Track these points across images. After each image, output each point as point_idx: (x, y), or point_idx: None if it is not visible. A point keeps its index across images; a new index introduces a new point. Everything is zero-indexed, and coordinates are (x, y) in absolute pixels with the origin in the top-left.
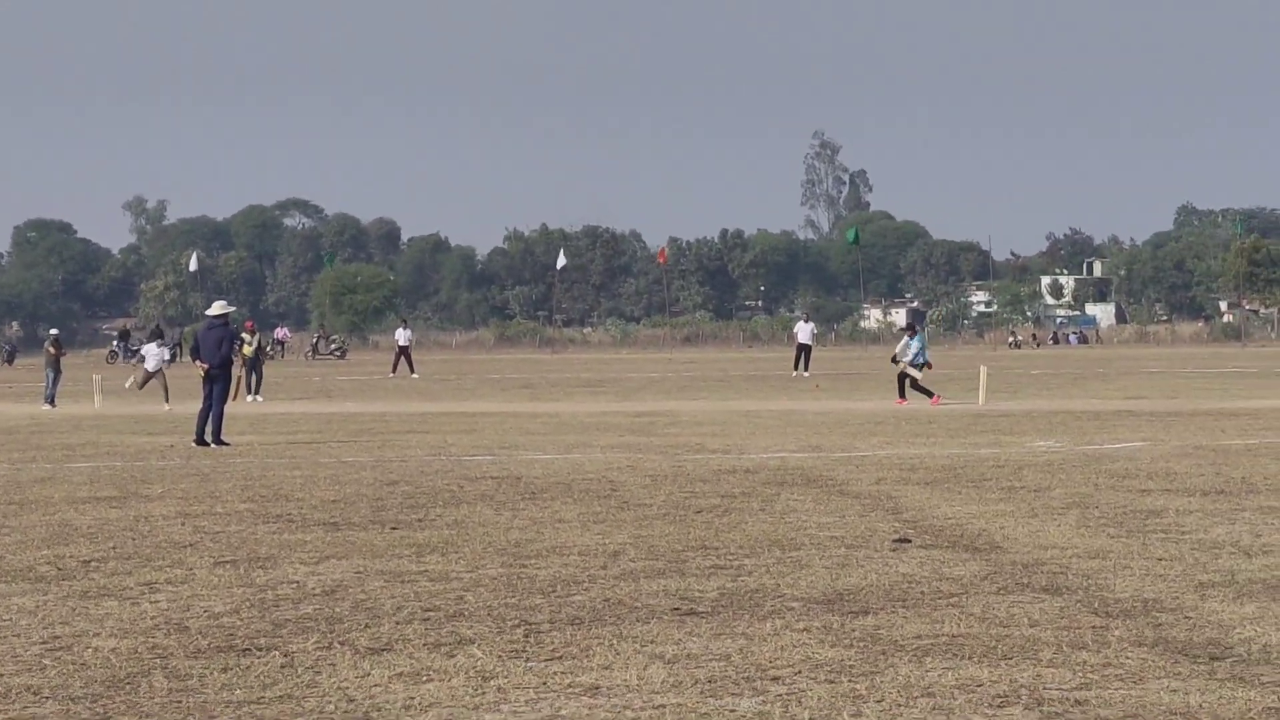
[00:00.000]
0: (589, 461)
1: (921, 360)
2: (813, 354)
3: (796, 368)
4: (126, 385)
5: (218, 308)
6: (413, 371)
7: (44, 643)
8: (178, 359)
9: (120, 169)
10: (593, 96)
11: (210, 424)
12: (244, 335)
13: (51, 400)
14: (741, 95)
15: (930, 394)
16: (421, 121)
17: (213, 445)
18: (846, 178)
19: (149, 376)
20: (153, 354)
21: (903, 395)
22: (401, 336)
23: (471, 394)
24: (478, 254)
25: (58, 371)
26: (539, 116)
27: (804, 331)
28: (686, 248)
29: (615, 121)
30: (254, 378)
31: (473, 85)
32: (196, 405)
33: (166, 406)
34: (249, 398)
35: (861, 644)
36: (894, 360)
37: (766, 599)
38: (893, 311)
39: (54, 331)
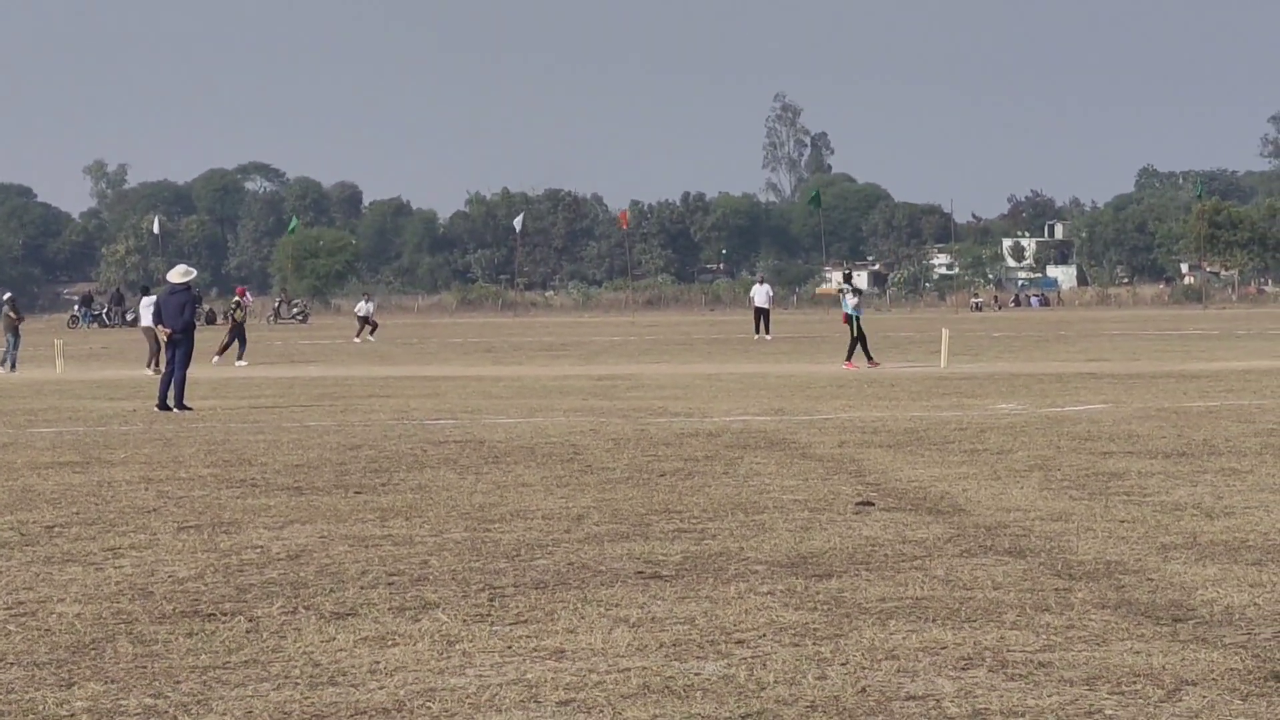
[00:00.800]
0: (552, 425)
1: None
2: (772, 317)
3: (758, 331)
4: (150, 370)
5: (179, 273)
6: (372, 335)
7: (8, 608)
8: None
9: (80, 132)
10: (554, 59)
11: (173, 389)
12: (238, 300)
13: (12, 365)
14: (703, 58)
15: (850, 358)
16: (383, 85)
17: (175, 410)
18: (808, 140)
19: (150, 334)
20: (145, 309)
21: (851, 359)
22: (362, 308)
23: (434, 358)
24: (439, 217)
25: (17, 336)
26: (501, 80)
27: (760, 294)
28: (648, 211)
29: (576, 84)
30: (242, 343)
31: (434, 48)
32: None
33: (149, 370)
34: (239, 362)
35: (826, 607)
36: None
37: (730, 562)
38: (855, 275)
39: (8, 295)
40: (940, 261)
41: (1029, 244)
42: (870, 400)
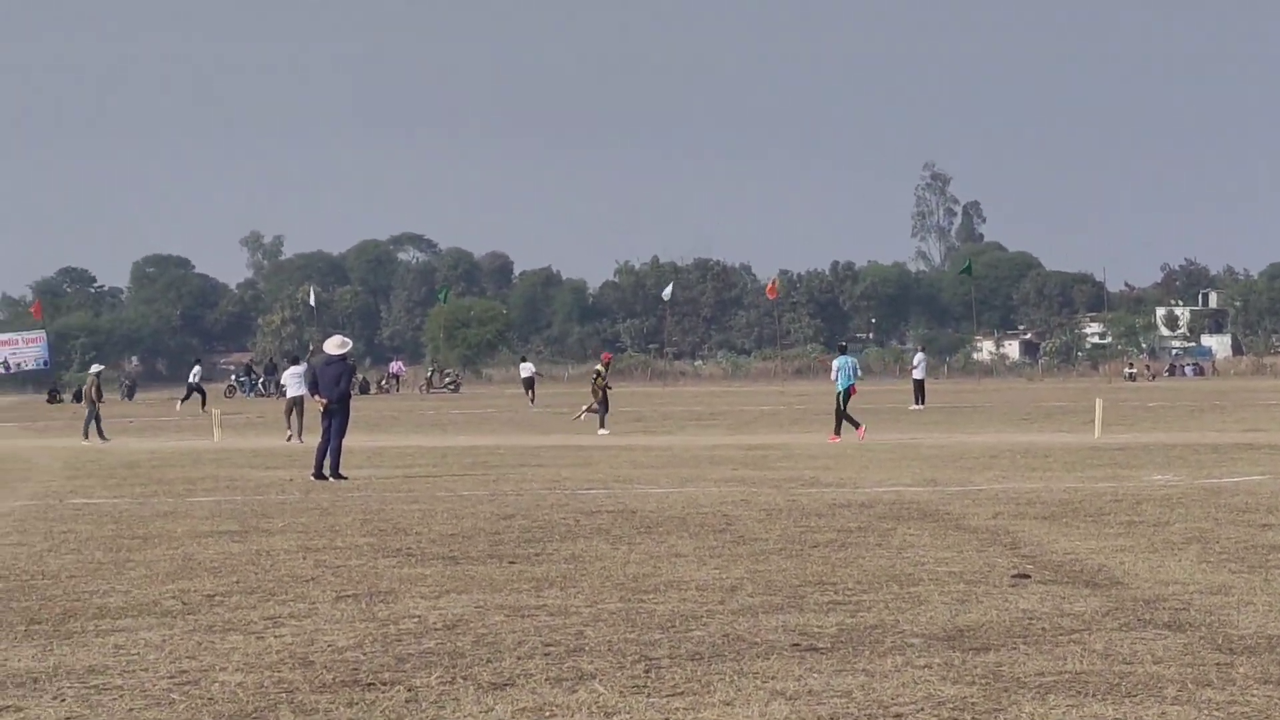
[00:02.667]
0: (703, 495)
1: (849, 383)
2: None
3: (917, 402)
4: (290, 440)
5: (336, 344)
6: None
7: (171, 677)
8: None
9: (237, 205)
10: (703, 130)
11: (329, 458)
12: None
13: (86, 434)
14: (852, 127)
15: (857, 424)
16: (533, 156)
17: (331, 479)
18: (958, 209)
19: (293, 405)
20: (293, 379)
21: (839, 431)
22: (525, 369)
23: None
24: (589, 287)
25: (94, 406)
26: (650, 150)
27: (920, 364)
28: (797, 280)
29: (725, 154)
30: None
31: (584, 119)
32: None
33: (297, 439)
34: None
35: (984, 681)
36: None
37: (886, 635)
38: (1005, 343)
39: (98, 370)
40: (1092, 330)
41: (1183, 313)
42: (1024, 471)
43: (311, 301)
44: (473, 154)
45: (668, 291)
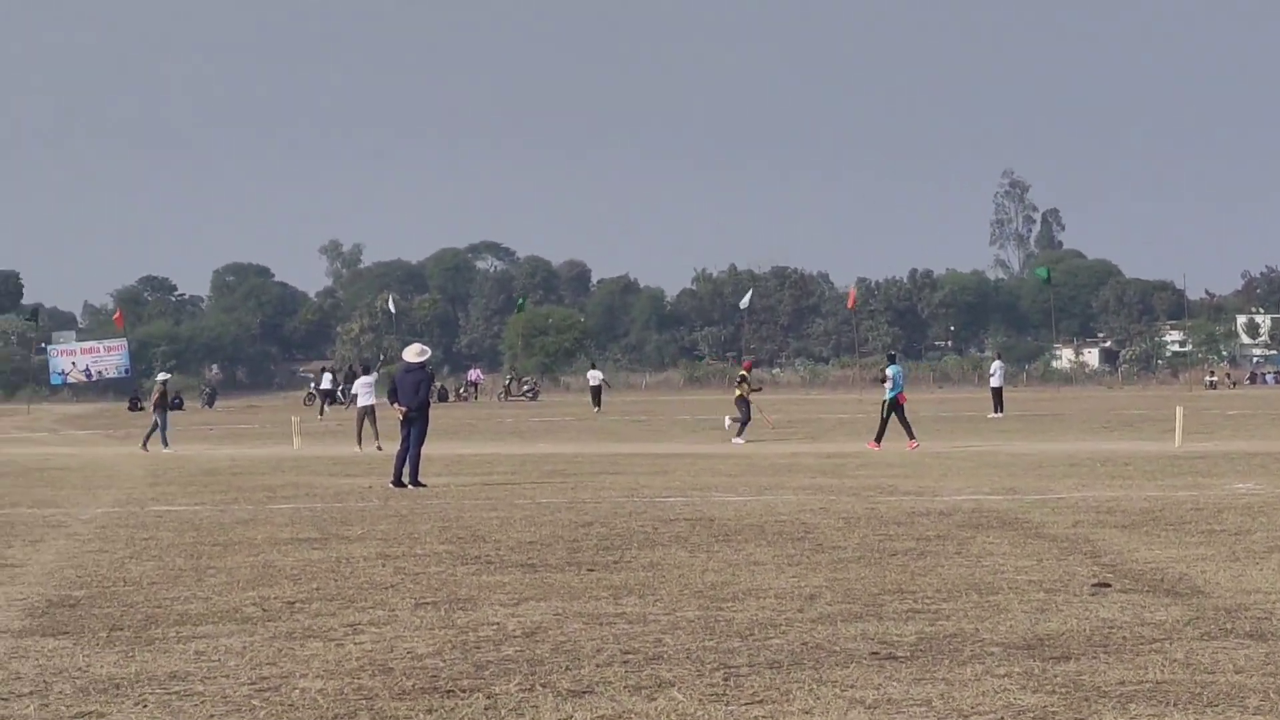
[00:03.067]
0: (781, 503)
1: (898, 391)
2: (1004, 395)
3: (996, 410)
4: (362, 448)
5: (414, 352)
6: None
7: (252, 684)
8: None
9: (316, 213)
10: (780, 137)
11: (408, 466)
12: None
13: (144, 444)
14: (931, 135)
15: (880, 438)
16: (612, 164)
17: (410, 487)
18: (1036, 216)
19: (364, 414)
20: (364, 388)
21: (905, 435)
22: (593, 377)
23: (662, 435)
24: (667, 295)
25: (164, 416)
26: (728, 158)
27: (998, 372)
28: (875, 288)
29: (802, 162)
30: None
31: (662, 127)
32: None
33: (375, 446)
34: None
35: (1064, 690)
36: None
37: (966, 644)
38: (1085, 351)
39: (164, 378)
40: (1173, 338)
41: (1264, 320)
42: (1104, 479)
43: (390, 309)
44: (551, 162)
45: (746, 300)
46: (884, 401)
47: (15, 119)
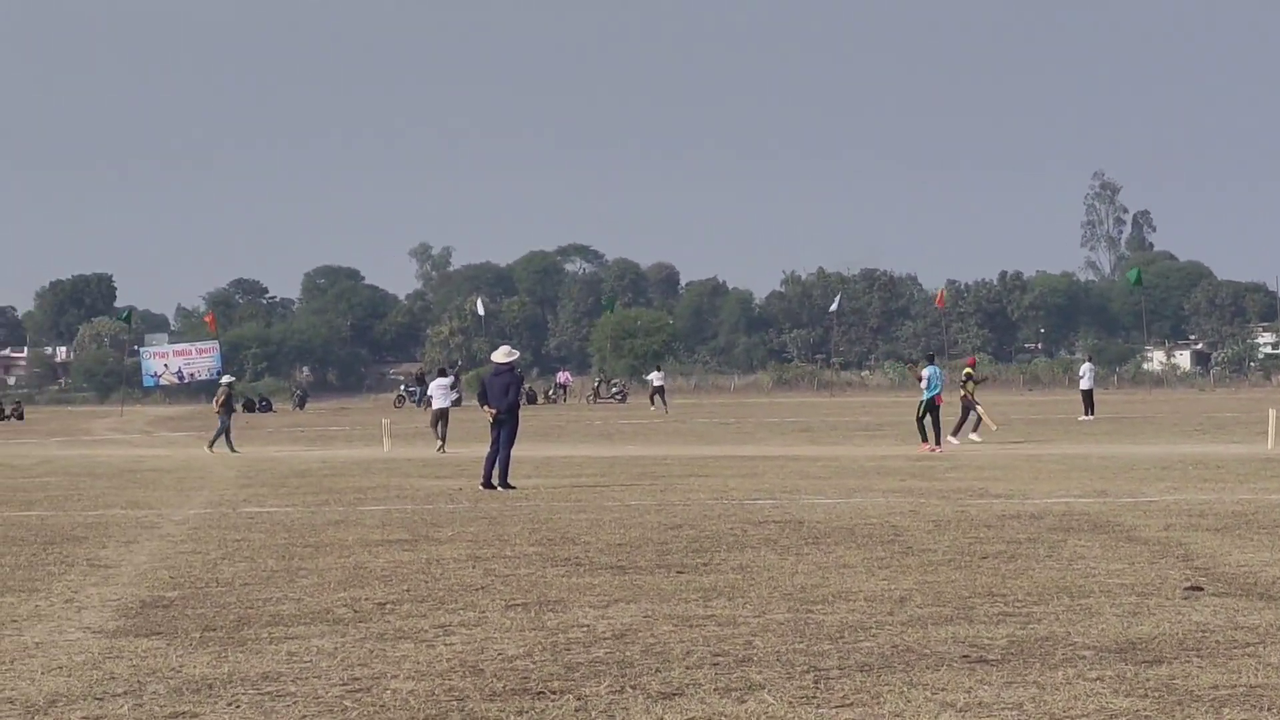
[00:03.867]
0: (871, 506)
1: (936, 392)
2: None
3: (1087, 413)
4: (440, 450)
5: (503, 354)
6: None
7: (344, 684)
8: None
9: (406, 216)
10: (869, 139)
11: (498, 468)
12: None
13: (211, 444)
14: (1021, 136)
15: (926, 438)
16: (700, 166)
17: (500, 489)
18: (1127, 218)
19: (439, 416)
20: (439, 390)
21: (932, 439)
22: (655, 378)
23: (750, 438)
24: (755, 297)
25: (228, 418)
26: (816, 160)
27: (1087, 374)
28: (965, 290)
29: (893, 163)
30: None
31: (752, 129)
32: (483, 449)
33: (440, 450)
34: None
35: (1156, 694)
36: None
37: (1057, 647)
38: (1176, 353)
39: (229, 379)
40: (1265, 340)
41: None
42: (1196, 482)
43: (479, 312)
44: (640, 164)
45: (835, 303)
46: (920, 402)
47: (109, 123)
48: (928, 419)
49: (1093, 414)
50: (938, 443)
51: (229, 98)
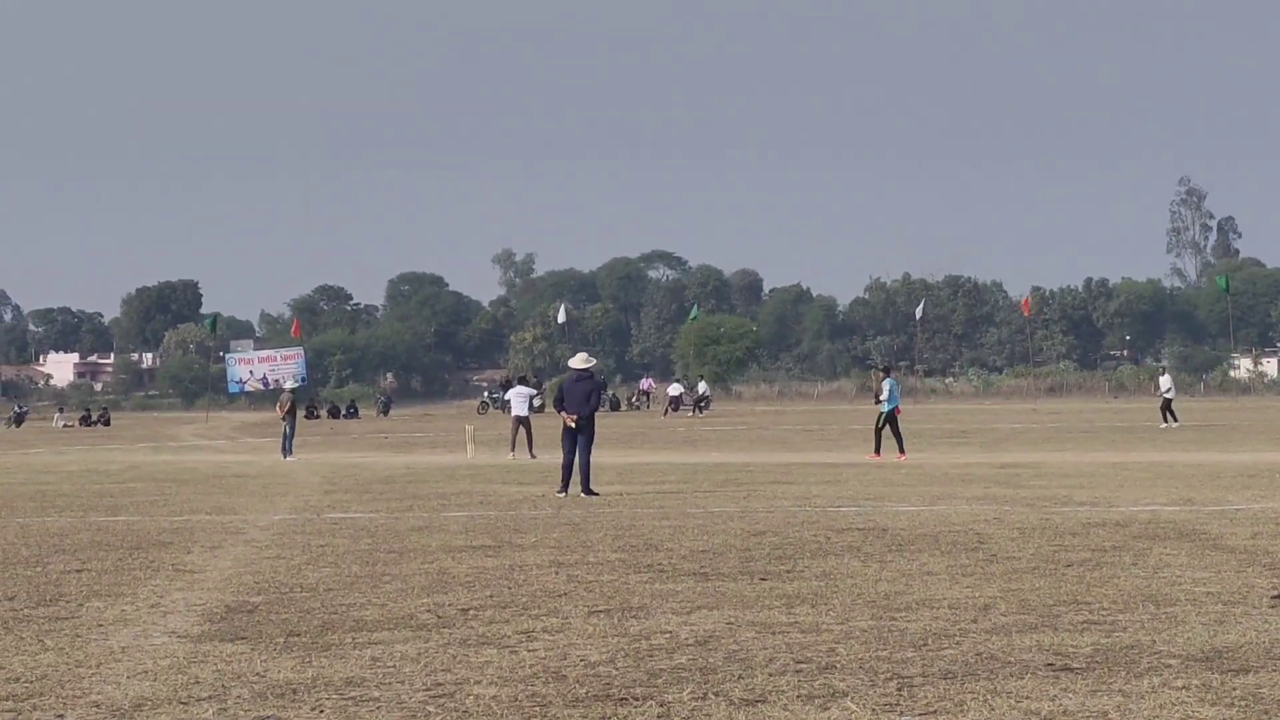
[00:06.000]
0: (955, 513)
1: (894, 404)
2: (1174, 405)
3: (1166, 420)
4: (515, 455)
5: (581, 360)
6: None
7: (427, 689)
8: (544, 408)
9: (489, 222)
10: (954, 145)
11: (578, 474)
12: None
13: (286, 451)
14: (1106, 142)
15: (879, 449)
16: (783, 172)
17: (582, 495)
18: (1213, 224)
19: (519, 424)
20: (519, 398)
21: (898, 448)
22: (674, 388)
23: (834, 444)
24: (839, 304)
25: (294, 424)
26: (901, 166)
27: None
28: (1050, 297)
29: (977, 170)
30: None
31: (833, 136)
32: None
33: (529, 456)
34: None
35: (1243, 703)
36: (877, 400)
37: (1142, 656)
38: (1264, 361)
39: (292, 386)
40: None
41: None
42: None
43: (562, 319)
44: (722, 171)
45: (920, 309)
46: (880, 414)
47: (195, 131)
48: (887, 429)
49: (1176, 421)
50: (901, 451)
51: (315, 105)
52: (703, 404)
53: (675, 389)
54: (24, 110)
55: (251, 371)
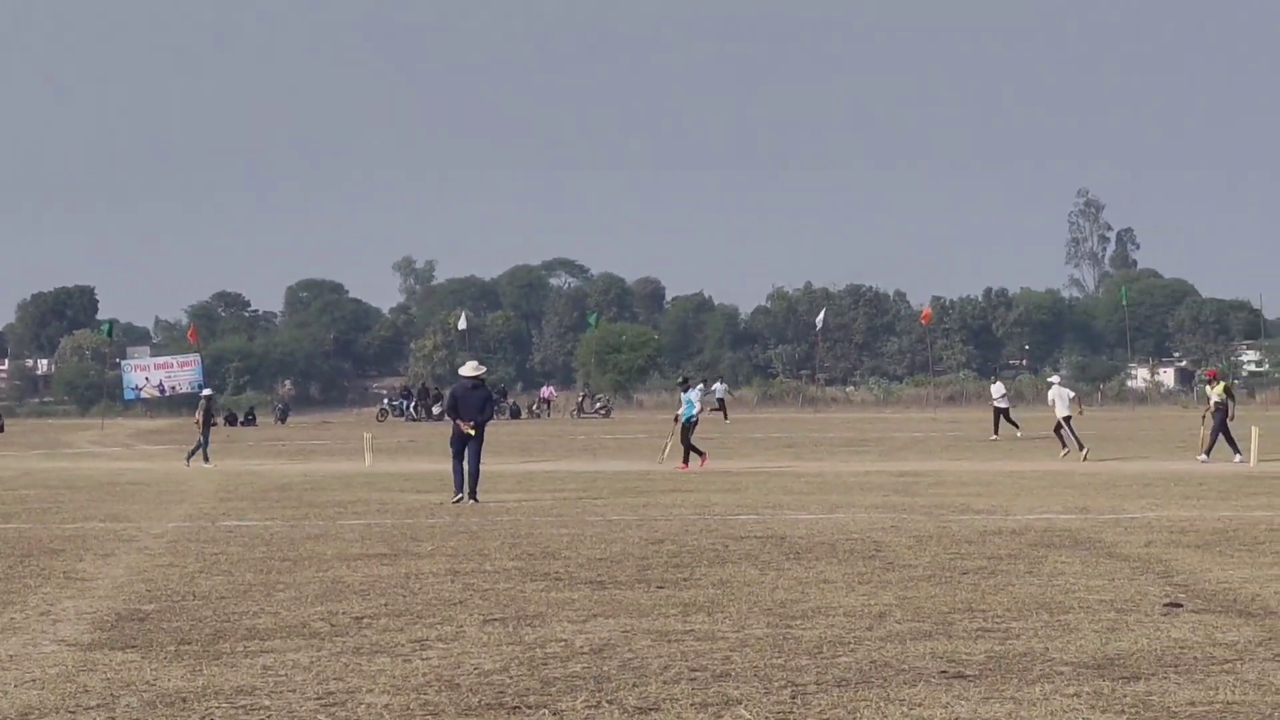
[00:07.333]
0: (853, 521)
1: (690, 416)
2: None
3: (999, 432)
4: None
5: (471, 368)
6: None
7: (319, 698)
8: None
9: (390, 229)
10: (855, 156)
11: (468, 481)
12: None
13: (188, 459)
14: (1006, 153)
15: (701, 454)
16: (685, 180)
17: (473, 502)
18: (1111, 235)
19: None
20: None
21: (694, 458)
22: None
23: (734, 453)
24: (741, 313)
25: (207, 432)
26: (802, 175)
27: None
28: (950, 306)
29: (878, 180)
30: None
31: (736, 144)
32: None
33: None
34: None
35: (1133, 710)
36: (676, 419)
37: (1035, 663)
38: (1160, 371)
39: (208, 393)
40: (1249, 358)
41: None
42: (1177, 499)
43: (463, 326)
44: (625, 178)
45: (820, 318)
46: (681, 425)
47: (90, 136)
48: (691, 437)
49: (1018, 429)
50: (685, 461)
51: (211, 111)
52: (602, 410)
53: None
54: None
55: (148, 378)
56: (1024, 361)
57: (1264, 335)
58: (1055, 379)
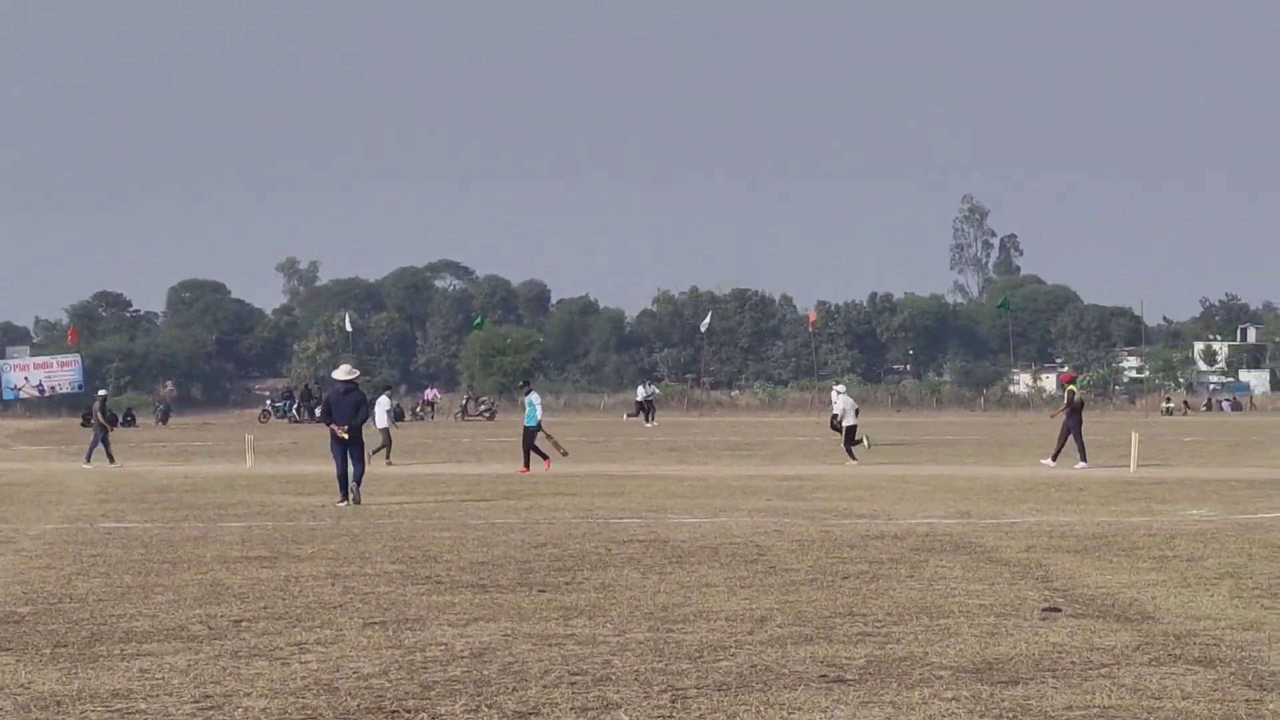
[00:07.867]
0: (736, 525)
1: (533, 421)
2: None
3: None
4: (384, 463)
5: (344, 372)
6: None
7: (195, 702)
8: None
9: (273, 230)
10: (742, 159)
11: (352, 483)
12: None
13: (87, 458)
14: (890, 160)
15: (545, 456)
16: (572, 184)
17: (356, 504)
18: (995, 242)
19: (387, 439)
20: (383, 409)
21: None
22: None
23: (618, 456)
24: (627, 316)
25: (104, 433)
26: (688, 179)
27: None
28: (835, 311)
29: (764, 185)
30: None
31: (623, 148)
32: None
33: (386, 463)
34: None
35: (1011, 714)
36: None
37: (914, 667)
38: (1042, 376)
39: (102, 394)
40: (1130, 364)
41: (1221, 348)
42: (1057, 504)
43: (347, 328)
44: (511, 181)
45: (706, 322)
46: (526, 429)
47: None
48: (537, 440)
49: (869, 445)
50: (526, 465)
51: (94, 106)
52: (486, 413)
53: (642, 392)
54: None
55: (27, 378)
56: (908, 366)
57: (1145, 341)
58: (840, 387)
